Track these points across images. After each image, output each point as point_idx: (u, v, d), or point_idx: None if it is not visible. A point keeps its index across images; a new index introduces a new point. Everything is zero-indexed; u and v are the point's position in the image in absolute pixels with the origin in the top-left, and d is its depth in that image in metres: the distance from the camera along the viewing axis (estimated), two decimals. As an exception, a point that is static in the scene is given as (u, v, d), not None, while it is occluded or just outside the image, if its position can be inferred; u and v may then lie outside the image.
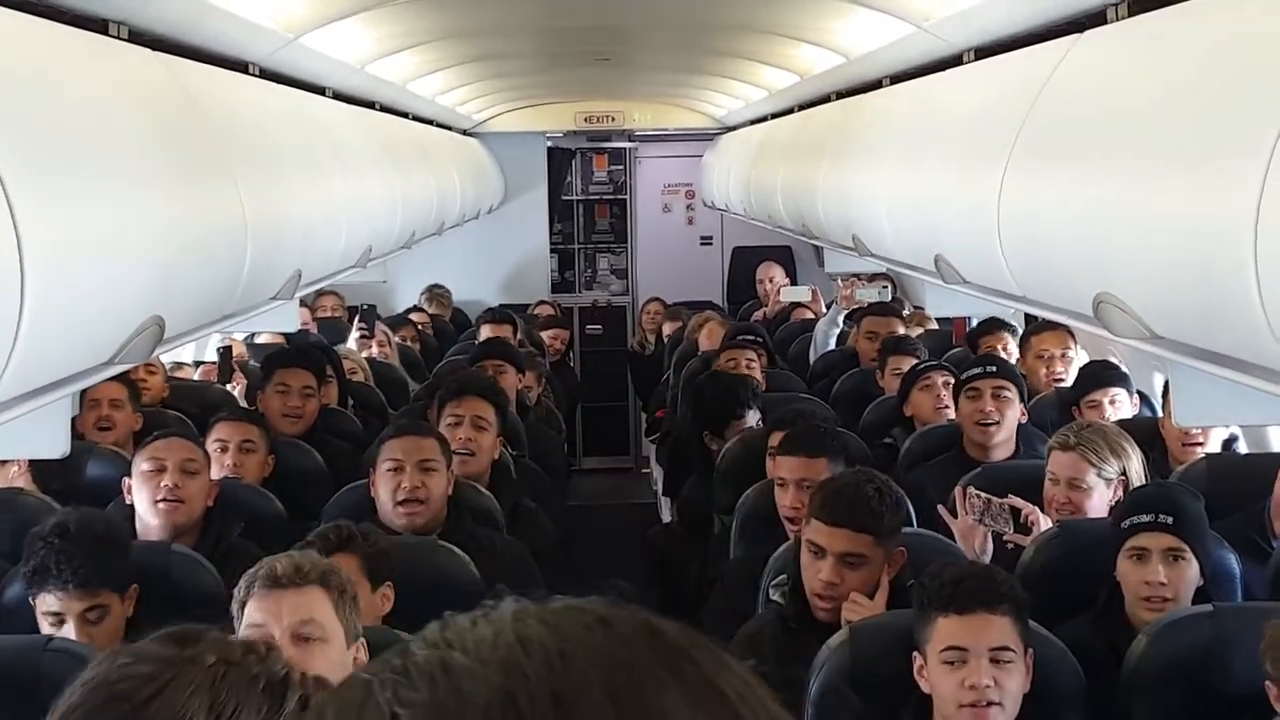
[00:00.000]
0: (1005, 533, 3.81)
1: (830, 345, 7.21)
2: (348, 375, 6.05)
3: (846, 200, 4.69)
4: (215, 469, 4.30)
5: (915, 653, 2.90)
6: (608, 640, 0.72)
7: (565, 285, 11.27)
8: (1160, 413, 4.90)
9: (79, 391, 3.23)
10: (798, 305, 8.42)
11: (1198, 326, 2.09)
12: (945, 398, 5.13)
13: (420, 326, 8.35)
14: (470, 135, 9.56)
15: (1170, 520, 3.29)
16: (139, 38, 2.89)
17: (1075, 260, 2.48)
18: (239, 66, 3.79)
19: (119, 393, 5.02)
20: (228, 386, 6.17)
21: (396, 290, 9.46)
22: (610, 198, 11.39)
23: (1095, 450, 3.88)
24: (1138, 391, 5.13)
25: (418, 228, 5.88)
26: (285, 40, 3.90)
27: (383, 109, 6.18)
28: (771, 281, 9.23)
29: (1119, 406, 4.97)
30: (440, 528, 3.96)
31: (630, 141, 11.14)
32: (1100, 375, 5.10)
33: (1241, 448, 4.74)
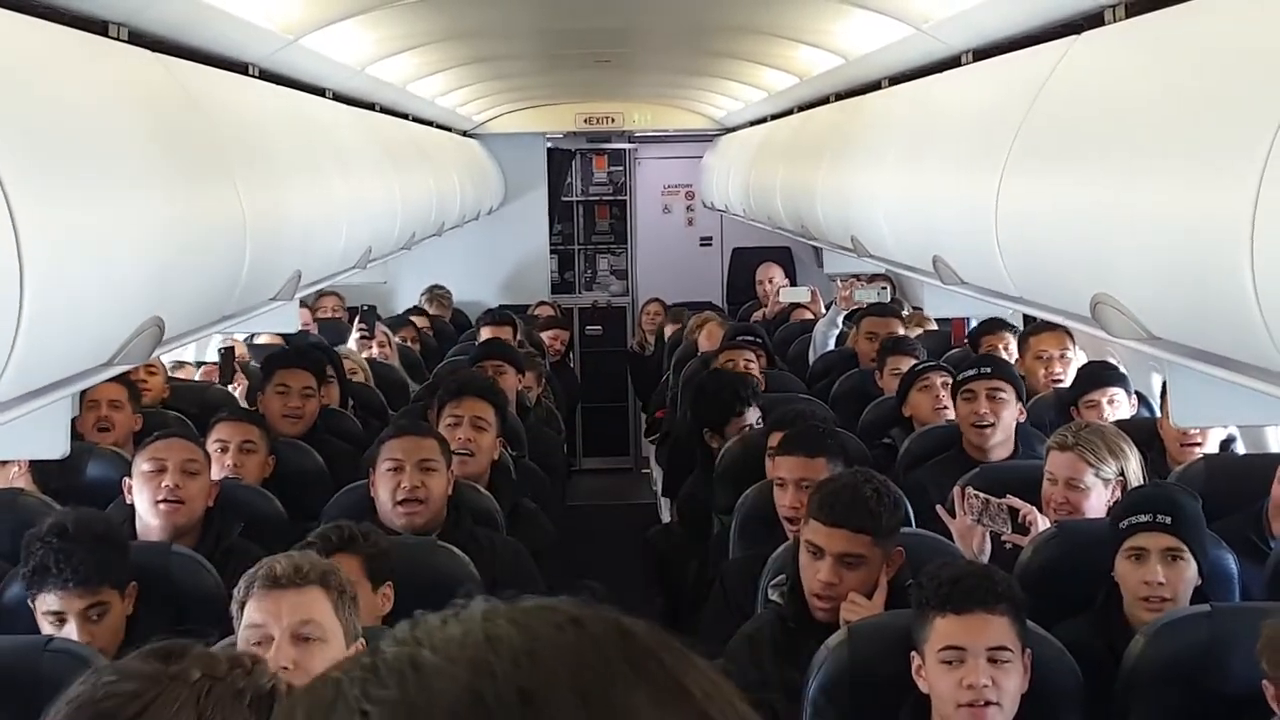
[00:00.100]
0: (1003, 533, 3.81)
1: (829, 346, 7.21)
2: (348, 376, 6.06)
3: (845, 201, 4.70)
4: (215, 469, 4.30)
5: (913, 652, 2.90)
6: (577, 639, 0.73)
7: (565, 286, 11.27)
8: (1159, 413, 4.91)
9: (78, 392, 3.24)
10: (797, 306, 8.42)
11: (1195, 327, 2.09)
12: (944, 398, 5.13)
13: (421, 328, 8.35)
14: (470, 136, 9.56)
15: (1169, 520, 3.29)
16: (139, 39, 2.90)
17: (1073, 261, 2.48)
18: (239, 68, 3.79)
19: (118, 393, 5.03)
20: (229, 387, 6.17)
21: (397, 291, 9.46)
22: (610, 199, 11.39)
23: (1093, 450, 3.89)
24: (1136, 392, 5.14)
25: (418, 229, 5.89)
26: (285, 42, 3.90)
27: (383, 110, 6.18)
28: (771, 282, 9.23)
29: (1117, 407, 4.97)
30: (440, 528, 3.96)
31: (630, 143, 11.14)
32: (1099, 375, 5.10)
33: (1240, 448, 4.75)
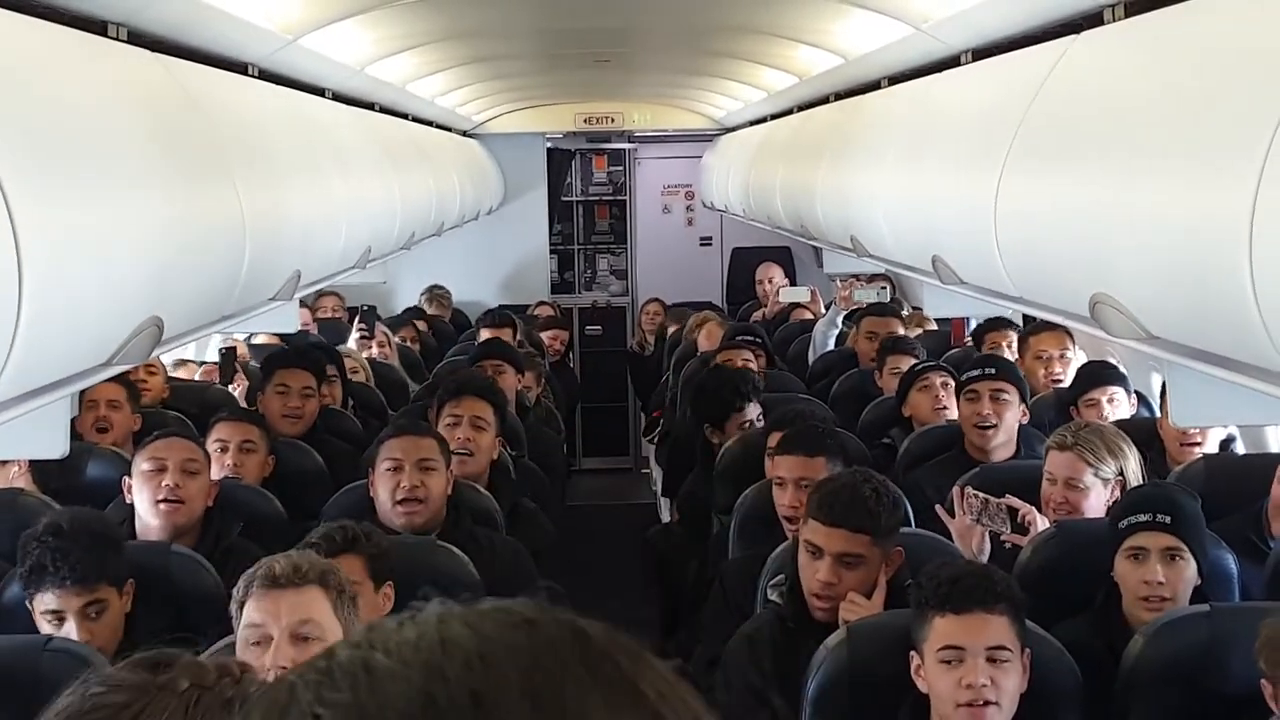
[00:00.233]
0: (1003, 533, 3.81)
1: (829, 346, 7.21)
2: (349, 375, 6.06)
3: (845, 201, 4.70)
4: (215, 469, 4.30)
5: (912, 652, 2.90)
6: (530, 641, 0.73)
7: (565, 286, 11.27)
8: (1158, 413, 4.91)
9: (78, 392, 3.24)
10: (797, 306, 8.42)
11: (1194, 327, 2.09)
12: (943, 398, 5.13)
13: (420, 329, 8.35)
14: (470, 136, 9.56)
15: (1168, 520, 3.29)
16: (138, 39, 2.90)
17: (1072, 261, 2.48)
18: (238, 68, 3.79)
19: (117, 393, 5.03)
20: (229, 388, 6.17)
21: (396, 291, 9.46)
22: (610, 199, 11.39)
23: (1092, 450, 3.89)
24: (1135, 392, 5.14)
25: (417, 228, 5.89)
26: (284, 42, 3.90)
27: (382, 110, 6.18)
28: (771, 282, 9.23)
29: (1117, 405, 4.97)
30: (439, 528, 3.96)
31: (630, 142, 11.13)
32: (1098, 374, 5.10)
33: (1239, 448, 4.75)
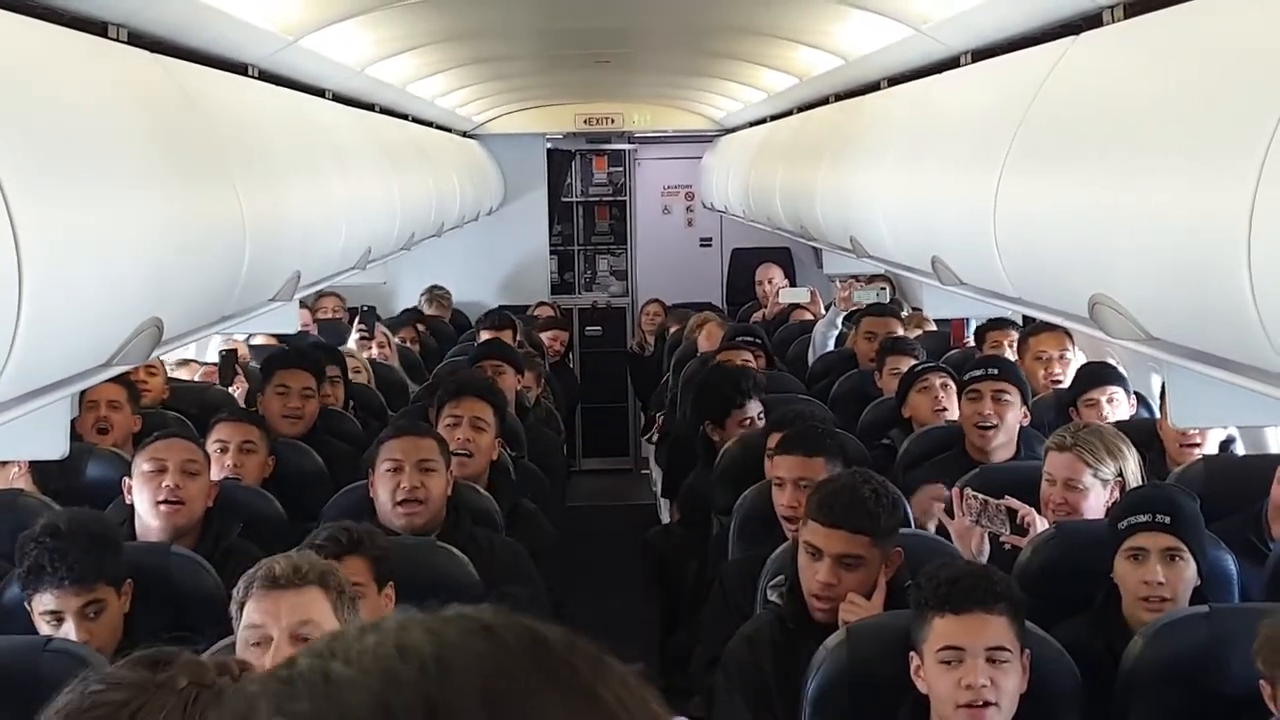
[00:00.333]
0: (1002, 534, 3.80)
1: (829, 347, 7.21)
2: (351, 375, 6.07)
3: (845, 202, 4.70)
4: (215, 469, 4.31)
5: (912, 653, 2.91)
6: (489, 647, 0.73)
7: (565, 287, 11.27)
8: (1158, 414, 4.91)
9: (78, 393, 3.24)
10: (796, 307, 8.42)
11: (1193, 328, 2.09)
12: (943, 399, 5.14)
13: (420, 329, 8.35)
14: (470, 137, 9.56)
15: (1168, 520, 3.29)
16: (138, 39, 2.90)
17: (1071, 262, 2.48)
18: (238, 68, 3.79)
19: (117, 394, 5.03)
20: (229, 389, 6.17)
21: (397, 292, 9.46)
22: (610, 199, 11.39)
23: (1092, 451, 3.89)
24: (1135, 393, 5.14)
25: (417, 229, 5.89)
26: (284, 42, 3.90)
27: (382, 111, 6.18)
28: (770, 283, 9.23)
29: (1117, 405, 4.98)
30: (439, 528, 3.96)
31: (630, 143, 11.13)
32: (1098, 374, 5.10)
33: (1239, 449, 4.75)
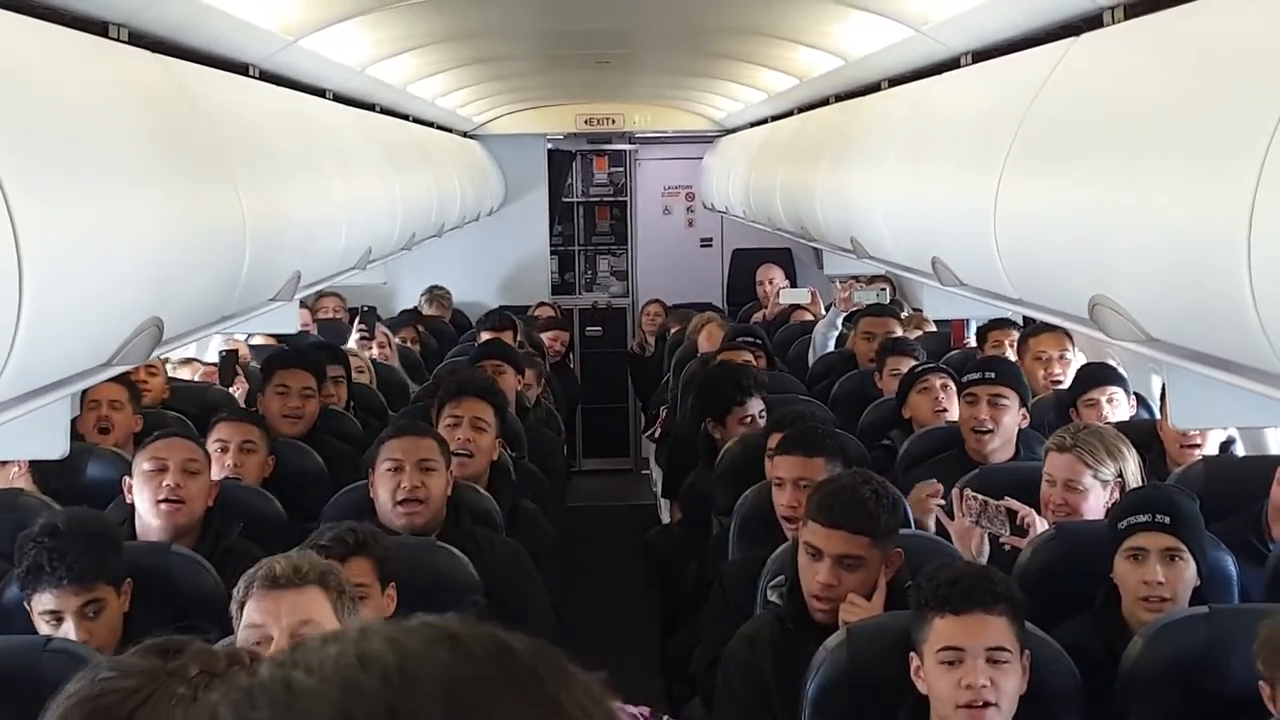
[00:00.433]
0: (1002, 535, 3.81)
1: (829, 347, 7.21)
2: (354, 375, 6.08)
3: (845, 203, 4.70)
4: (216, 469, 4.31)
5: (912, 654, 2.91)
6: (452, 656, 0.73)
7: (565, 287, 11.27)
8: (1158, 415, 4.91)
9: (79, 392, 3.24)
10: (797, 307, 8.42)
11: (1193, 329, 2.09)
12: (943, 400, 5.14)
13: (420, 330, 8.36)
14: (471, 137, 9.56)
15: (1168, 520, 3.29)
16: (139, 40, 2.90)
17: (1071, 263, 2.48)
18: (239, 69, 3.79)
19: (119, 394, 5.03)
20: (229, 389, 6.18)
21: (397, 292, 9.46)
22: (610, 200, 11.38)
23: (1092, 452, 3.89)
24: (1135, 394, 5.14)
25: (418, 229, 5.89)
26: (285, 43, 3.90)
27: (383, 111, 6.18)
28: (771, 283, 9.23)
29: (1116, 405, 4.98)
30: (439, 528, 3.96)
31: (630, 144, 11.13)
32: (1098, 374, 5.10)
33: (1239, 450, 4.75)
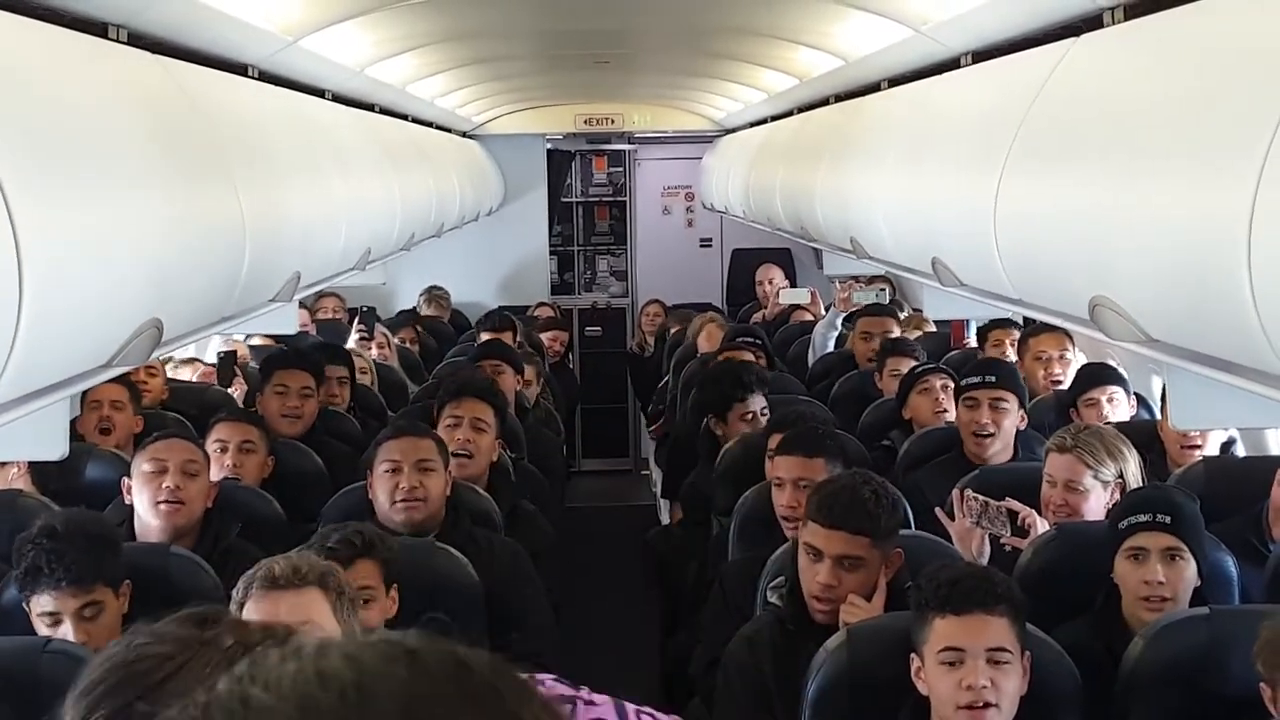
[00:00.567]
0: (1002, 535, 3.80)
1: (829, 348, 7.21)
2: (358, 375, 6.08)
3: (845, 203, 4.69)
4: (215, 469, 4.31)
5: (913, 655, 2.91)
6: (410, 674, 0.73)
7: (565, 287, 11.26)
8: (1158, 416, 4.91)
9: (79, 393, 3.24)
10: (797, 307, 8.42)
11: (1193, 330, 2.09)
12: (944, 401, 5.14)
13: (419, 330, 8.35)
14: (470, 137, 9.56)
15: (1168, 520, 3.29)
16: (138, 40, 2.90)
17: (1071, 263, 2.48)
18: (238, 69, 3.79)
19: (120, 394, 5.03)
20: (228, 390, 6.17)
21: (396, 292, 9.46)
22: (610, 200, 11.38)
23: (1092, 453, 3.89)
24: (1135, 394, 5.14)
25: (417, 229, 5.89)
26: (284, 43, 3.90)
27: (382, 111, 6.18)
28: (771, 283, 9.23)
29: (1117, 405, 4.98)
30: (438, 528, 3.96)
31: (630, 144, 11.13)
32: (1098, 374, 5.11)
33: (1240, 451, 4.74)
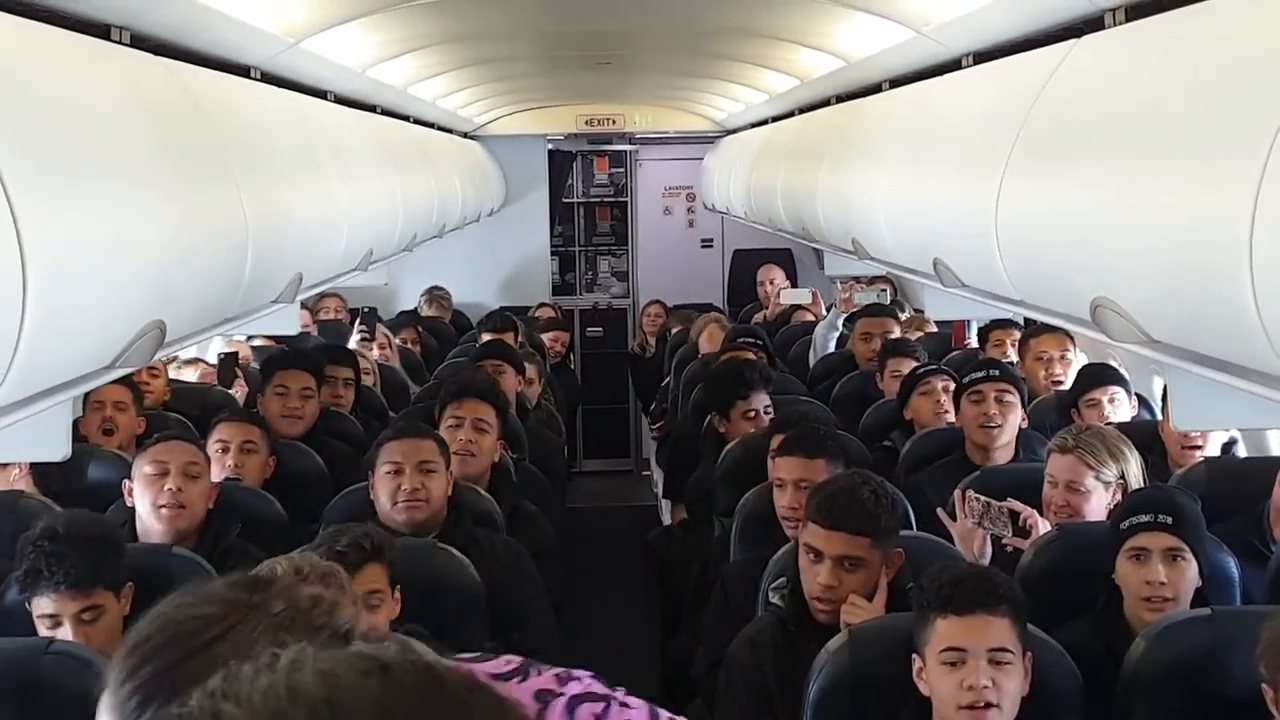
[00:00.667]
0: (1004, 536, 3.81)
1: (830, 348, 7.21)
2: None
3: (846, 203, 4.70)
4: (216, 470, 4.31)
5: (914, 655, 2.91)
6: (383, 688, 0.73)
7: (566, 288, 11.26)
8: (1160, 416, 4.91)
9: (82, 394, 3.23)
10: (798, 308, 8.42)
11: (1194, 331, 2.09)
12: (945, 402, 5.14)
13: (421, 330, 8.36)
14: (471, 138, 9.56)
15: (1170, 520, 3.29)
16: (141, 42, 2.90)
17: (1073, 264, 2.48)
18: (241, 71, 3.79)
19: (123, 395, 5.03)
20: (229, 390, 6.18)
21: (398, 293, 9.47)
22: (611, 200, 11.38)
23: (1094, 453, 3.89)
24: (1137, 395, 5.14)
25: (419, 230, 5.89)
26: (287, 45, 3.90)
27: (384, 112, 6.18)
28: (772, 284, 9.23)
29: (1118, 405, 4.98)
30: (439, 529, 3.96)
31: (631, 144, 11.13)
32: (1099, 375, 5.11)
33: (1241, 451, 4.75)
